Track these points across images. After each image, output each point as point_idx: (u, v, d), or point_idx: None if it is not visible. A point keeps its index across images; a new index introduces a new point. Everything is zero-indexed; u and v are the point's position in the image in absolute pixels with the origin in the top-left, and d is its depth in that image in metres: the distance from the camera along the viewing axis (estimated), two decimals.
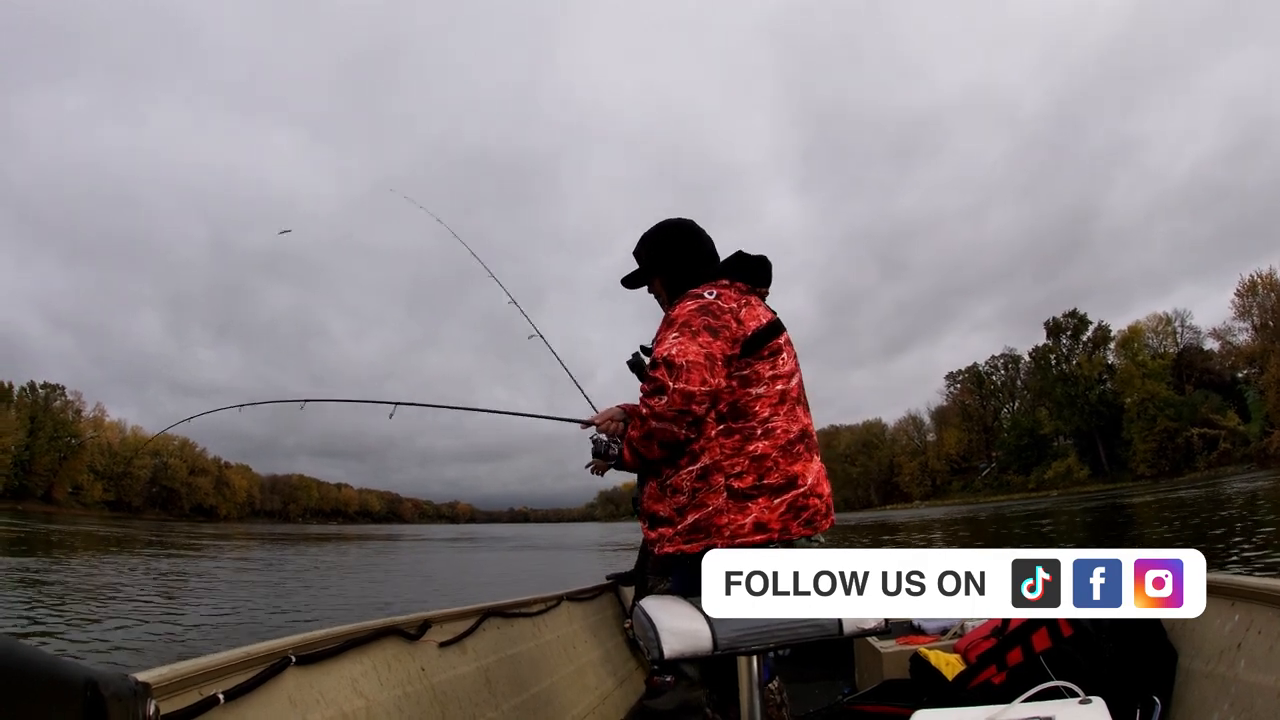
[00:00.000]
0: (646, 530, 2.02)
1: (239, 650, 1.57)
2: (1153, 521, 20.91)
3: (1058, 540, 20.06)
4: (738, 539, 1.83)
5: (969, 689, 2.25)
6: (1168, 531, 15.85)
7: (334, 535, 64.94)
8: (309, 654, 1.75)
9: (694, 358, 1.84)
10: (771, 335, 1.98)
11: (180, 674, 1.37)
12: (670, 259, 2.17)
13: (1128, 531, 19.22)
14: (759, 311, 2.02)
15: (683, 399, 1.82)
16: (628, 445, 1.99)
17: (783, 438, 1.91)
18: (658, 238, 2.21)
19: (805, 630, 1.56)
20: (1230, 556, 10.71)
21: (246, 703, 1.50)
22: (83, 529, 46.93)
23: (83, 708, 0.67)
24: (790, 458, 1.90)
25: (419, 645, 2.27)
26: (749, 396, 1.91)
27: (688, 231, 2.19)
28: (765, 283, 2.15)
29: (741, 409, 1.89)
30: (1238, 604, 1.65)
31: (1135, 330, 73.05)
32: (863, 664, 3.29)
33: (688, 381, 1.82)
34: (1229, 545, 12.26)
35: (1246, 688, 1.50)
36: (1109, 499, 44.06)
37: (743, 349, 1.92)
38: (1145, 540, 16.10)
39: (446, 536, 67.48)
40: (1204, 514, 20.52)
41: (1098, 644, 1.86)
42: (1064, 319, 78.04)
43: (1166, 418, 65.09)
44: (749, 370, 1.92)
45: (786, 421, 1.93)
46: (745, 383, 1.91)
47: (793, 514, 1.87)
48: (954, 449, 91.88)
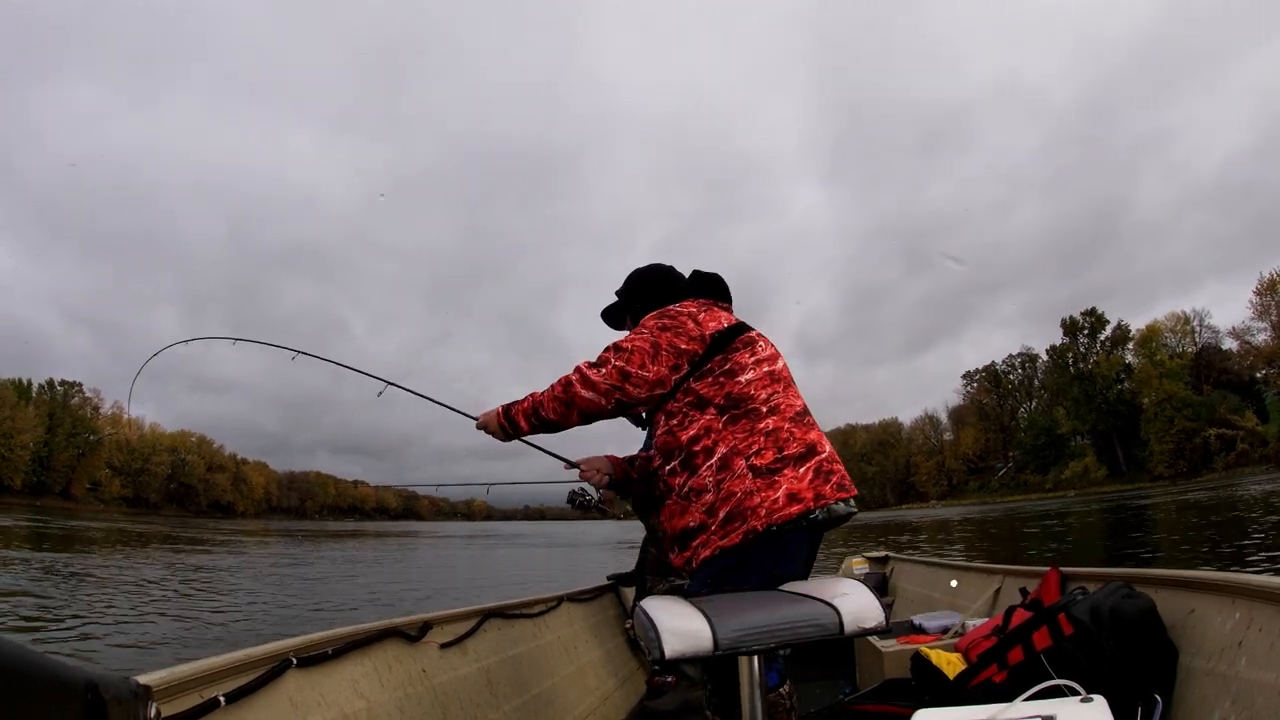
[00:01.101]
0: (676, 557, 2.01)
1: (239, 652, 1.57)
2: (1165, 526, 20.62)
3: (1065, 541, 19.87)
4: (775, 515, 1.82)
5: (970, 688, 2.23)
6: (1181, 539, 15.62)
7: (353, 532, 65.55)
8: (310, 656, 1.76)
9: (639, 344, 1.98)
10: (737, 332, 2.06)
11: (181, 676, 1.37)
12: (646, 294, 2.32)
13: (1139, 535, 18.98)
14: (721, 316, 2.10)
15: (619, 375, 1.95)
16: (534, 403, 2.06)
17: (789, 411, 1.98)
18: (638, 276, 2.40)
19: (806, 630, 1.55)
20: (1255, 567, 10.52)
21: (248, 705, 1.50)
22: (100, 525, 47.63)
23: (83, 711, 0.67)
24: (804, 427, 1.97)
25: (420, 647, 2.27)
26: (740, 385, 1.97)
27: (663, 273, 2.38)
28: (724, 297, 2.25)
29: (739, 396, 1.94)
30: (1238, 601, 1.64)
31: (1153, 329, 72.52)
32: (863, 663, 3.27)
33: (628, 362, 1.96)
34: (1240, 550, 12.05)
35: (1248, 685, 1.49)
36: (1124, 500, 43.56)
37: (709, 346, 1.99)
38: (1161, 545, 15.89)
39: (464, 534, 68.13)
40: (1217, 516, 20.23)
41: (1098, 642, 1.84)
42: (1081, 317, 77.66)
43: (1184, 418, 64.41)
44: (730, 362, 1.99)
45: (787, 397, 2.00)
46: (732, 374, 1.98)
47: (822, 479, 1.89)
48: (971, 449, 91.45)
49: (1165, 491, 47.97)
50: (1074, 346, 77.91)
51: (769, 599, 1.70)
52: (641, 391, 1.96)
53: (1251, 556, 10.96)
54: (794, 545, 1.92)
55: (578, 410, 2.00)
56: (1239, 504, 23.75)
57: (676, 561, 2.00)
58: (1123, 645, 1.80)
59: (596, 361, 2.00)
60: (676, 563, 2.00)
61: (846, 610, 1.57)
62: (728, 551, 1.85)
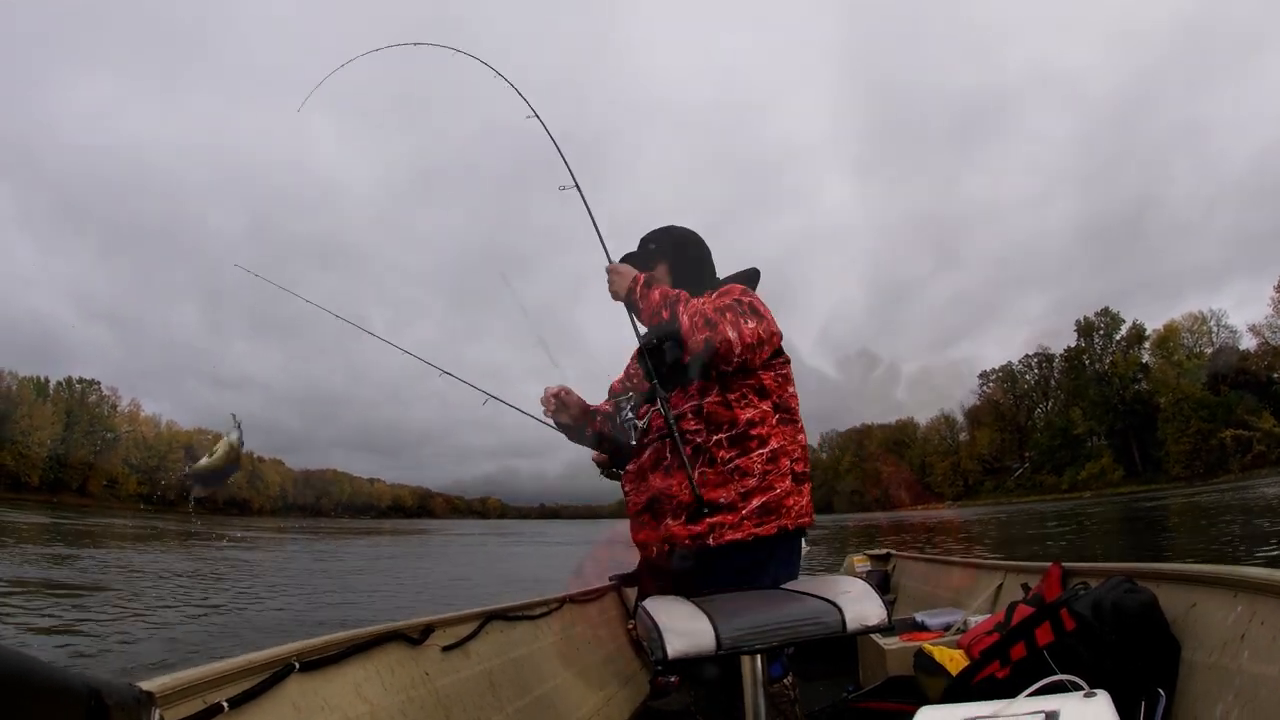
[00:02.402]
0: (691, 524, 1.89)
1: (242, 658, 1.57)
2: (1179, 529, 20.32)
3: (1075, 542, 19.65)
4: (799, 520, 1.93)
5: (973, 684, 2.22)
6: (1190, 542, 15.38)
7: (370, 529, 65.80)
8: (312, 660, 1.76)
9: (758, 305, 1.95)
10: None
11: (184, 682, 1.37)
12: (686, 253, 2.25)
13: (1153, 538, 18.76)
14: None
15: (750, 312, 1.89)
16: (677, 311, 1.90)
17: (804, 435, 2.05)
18: (681, 232, 2.30)
19: (808, 628, 1.55)
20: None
21: (251, 710, 1.50)
22: (114, 521, 48.13)
23: (86, 718, 0.68)
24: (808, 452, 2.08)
25: (422, 650, 2.28)
26: (788, 394, 2.03)
27: (702, 242, 2.31)
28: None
29: (785, 405, 1.99)
30: (1241, 595, 1.63)
31: (1171, 329, 72.27)
32: (866, 661, 3.26)
33: (751, 309, 1.91)
34: (1252, 554, 11.89)
35: (1250, 679, 1.48)
36: (1138, 501, 43.08)
37: (777, 350, 2.01)
38: (1173, 548, 15.70)
39: (481, 531, 68.45)
40: (1230, 518, 19.96)
41: (1101, 637, 1.83)
42: (1096, 318, 77.56)
43: (1200, 419, 63.82)
44: (787, 369, 2.05)
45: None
46: (785, 380, 2.03)
47: (810, 501, 2.02)
48: (986, 449, 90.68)
49: (1181, 493, 47.42)
50: (1090, 347, 77.67)
51: (771, 597, 1.70)
52: (744, 343, 1.84)
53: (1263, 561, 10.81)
54: (797, 552, 2.02)
55: (694, 342, 1.84)
56: (1254, 508, 23.38)
57: (680, 531, 1.91)
58: (1125, 640, 1.78)
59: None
60: (680, 532, 1.91)
61: (849, 608, 1.56)
62: (760, 541, 1.88)
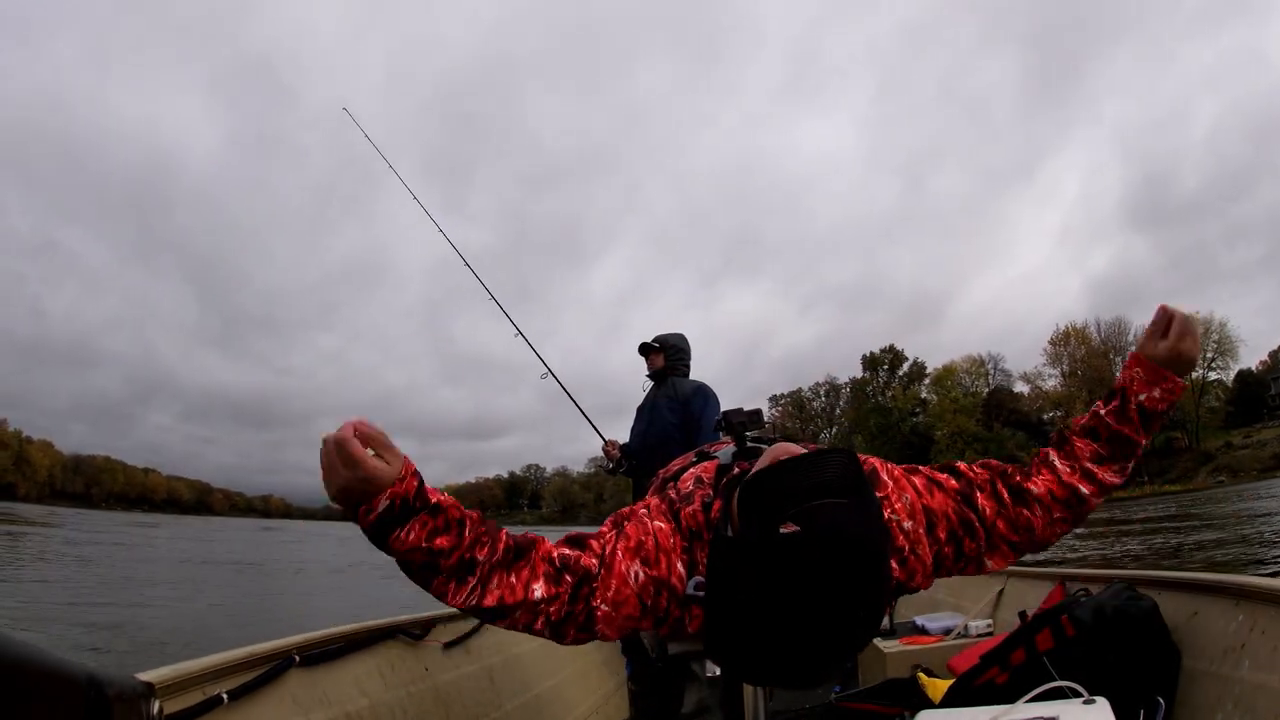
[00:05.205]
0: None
1: (242, 650, 1.57)
2: None
3: None
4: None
5: (973, 689, 2.23)
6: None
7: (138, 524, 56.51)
8: (312, 654, 1.76)
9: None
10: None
11: (184, 674, 1.37)
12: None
13: None
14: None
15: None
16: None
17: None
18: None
19: None
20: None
21: (250, 702, 1.50)
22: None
23: (85, 708, 0.67)
24: None
25: (422, 645, 2.29)
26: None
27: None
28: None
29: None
30: (1241, 604, 1.64)
31: (949, 369, 77.96)
32: (866, 664, 3.27)
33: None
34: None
35: (1250, 688, 1.49)
36: None
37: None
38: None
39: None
40: None
41: (1101, 644, 1.84)
42: (880, 354, 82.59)
43: (974, 451, 67.11)
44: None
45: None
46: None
47: None
48: None
49: None
50: (874, 379, 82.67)
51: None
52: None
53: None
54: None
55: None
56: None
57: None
58: (1125, 647, 1.79)
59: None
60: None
61: None
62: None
